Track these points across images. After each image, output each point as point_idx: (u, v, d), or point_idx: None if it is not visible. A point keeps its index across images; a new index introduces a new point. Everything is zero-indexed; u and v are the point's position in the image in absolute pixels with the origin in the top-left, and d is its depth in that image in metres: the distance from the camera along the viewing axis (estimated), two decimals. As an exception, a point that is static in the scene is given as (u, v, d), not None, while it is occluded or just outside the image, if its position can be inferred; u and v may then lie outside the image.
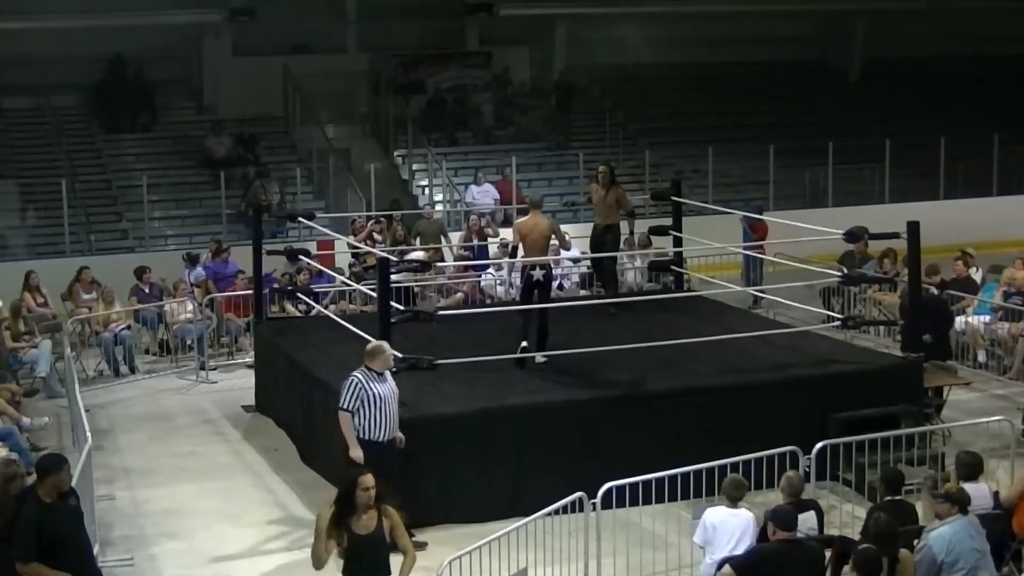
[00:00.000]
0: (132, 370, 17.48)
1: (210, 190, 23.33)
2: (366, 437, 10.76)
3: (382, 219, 20.18)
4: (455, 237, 21.35)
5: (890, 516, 9.05)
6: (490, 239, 20.20)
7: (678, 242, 16.62)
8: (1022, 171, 26.92)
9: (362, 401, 10.72)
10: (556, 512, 10.10)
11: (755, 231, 19.99)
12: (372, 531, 8.10)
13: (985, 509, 9.80)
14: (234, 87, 25.27)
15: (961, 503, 9.03)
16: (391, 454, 10.79)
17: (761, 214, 20.32)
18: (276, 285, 17.47)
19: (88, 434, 11.46)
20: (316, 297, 17.05)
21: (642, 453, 11.54)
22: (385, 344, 11.05)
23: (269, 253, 16.72)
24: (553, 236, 13.64)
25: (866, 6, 29.85)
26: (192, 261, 19.28)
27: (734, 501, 9.64)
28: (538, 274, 13.23)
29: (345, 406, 10.75)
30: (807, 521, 9.82)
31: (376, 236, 19.64)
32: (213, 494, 12.73)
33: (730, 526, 9.48)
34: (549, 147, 26.48)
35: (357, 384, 10.74)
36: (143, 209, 22.38)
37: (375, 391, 10.74)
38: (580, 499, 10.09)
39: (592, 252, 15.18)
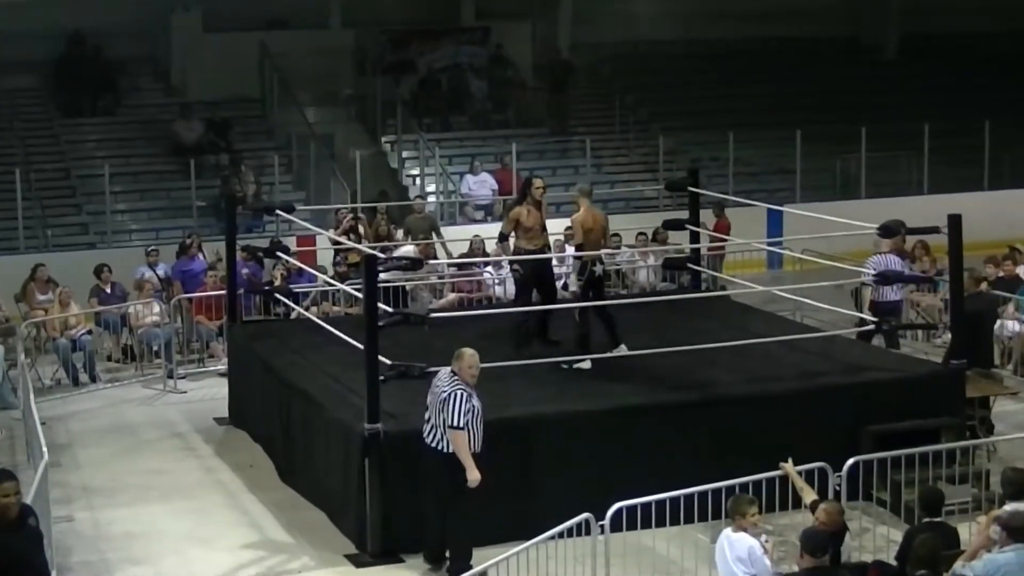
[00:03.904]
0: (93, 379, 17.48)
1: (179, 180, 23.32)
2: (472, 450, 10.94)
3: (360, 215, 20.02)
4: (449, 232, 21.38)
5: (932, 538, 9.06)
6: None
7: (695, 238, 16.64)
8: (1074, 158, 26.95)
9: (471, 415, 10.91)
10: (561, 535, 10.11)
11: (715, 230, 20.08)
12: None
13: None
14: (205, 66, 25.25)
15: (1015, 530, 8.94)
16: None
17: (723, 210, 20.37)
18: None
19: (44, 449, 11.47)
20: (296, 298, 17.02)
21: (655, 470, 11.53)
22: (470, 350, 11.18)
23: (244, 249, 16.73)
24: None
25: (903, -24, 29.92)
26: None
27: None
28: (599, 269, 13.55)
29: (458, 424, 10.83)
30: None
31: (360, 230, 19.61)
32: (182, 515, 12.73)
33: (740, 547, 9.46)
34: (553, 132, 26.50)
35: (465, 397, 10.88)
36: (105, 201, 22.37)
37: (476, 403, 10.96)
38: (587, 521, 10.10)
39: (543, 277, 14.77)
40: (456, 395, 10.86)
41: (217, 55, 25.18)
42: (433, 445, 11.00)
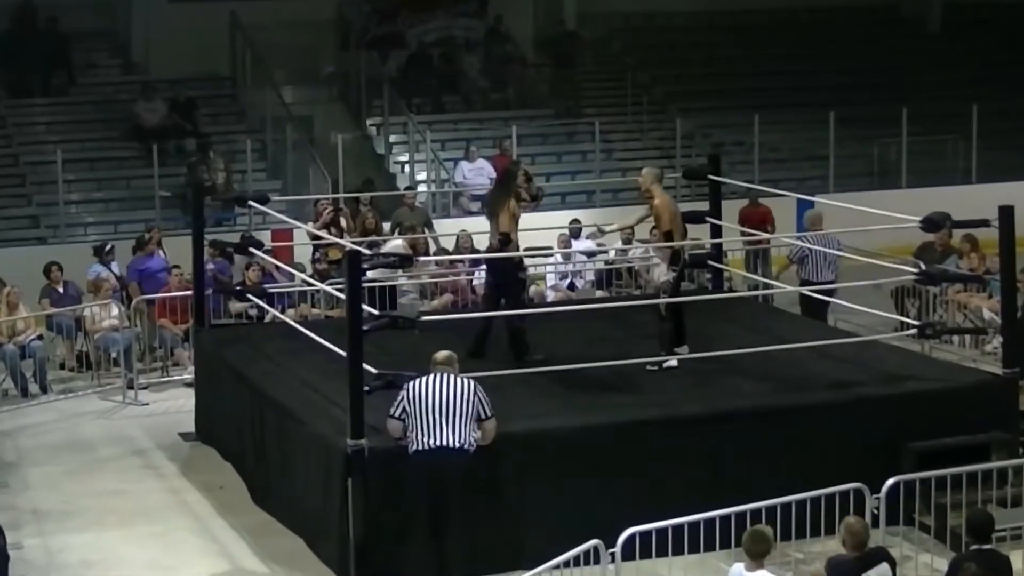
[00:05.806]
0: (44, 389, 17.49)
1: (140, 167, 23.34)
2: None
3: (343, 206, 19.97)
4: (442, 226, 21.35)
5: (978, 570, 9.05)
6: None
7: (717, 232, 16.64)
8: None
9: None
10: (567, 564, 10.11)
11: (748, 221, 20.08)
12: None
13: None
14: (169, 40, 25.27)
15: None
16: None
17: (758, 200, 20.40)
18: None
19: (-10, 468, 11.50)
20: (271, 299, 17.03)
21: (672, 491, 11.57)
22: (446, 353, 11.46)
23: (212, 244, 16.71)
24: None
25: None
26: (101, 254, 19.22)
27: (755, 558, 9.60)
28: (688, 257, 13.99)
29: (492, 412, 11.27)
30: None
31: (343, 223, 19.61)
32: (144, 542, 12.74)
33: None
34: (557, 114, 26.51)
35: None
36: (57, 191, 22.40)
37: None
38: (596, 548, 10.11)
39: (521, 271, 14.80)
40: (479, 387, 11.20)
41: (183, 28, 25.20)
42: (446, 444, 10.97)
